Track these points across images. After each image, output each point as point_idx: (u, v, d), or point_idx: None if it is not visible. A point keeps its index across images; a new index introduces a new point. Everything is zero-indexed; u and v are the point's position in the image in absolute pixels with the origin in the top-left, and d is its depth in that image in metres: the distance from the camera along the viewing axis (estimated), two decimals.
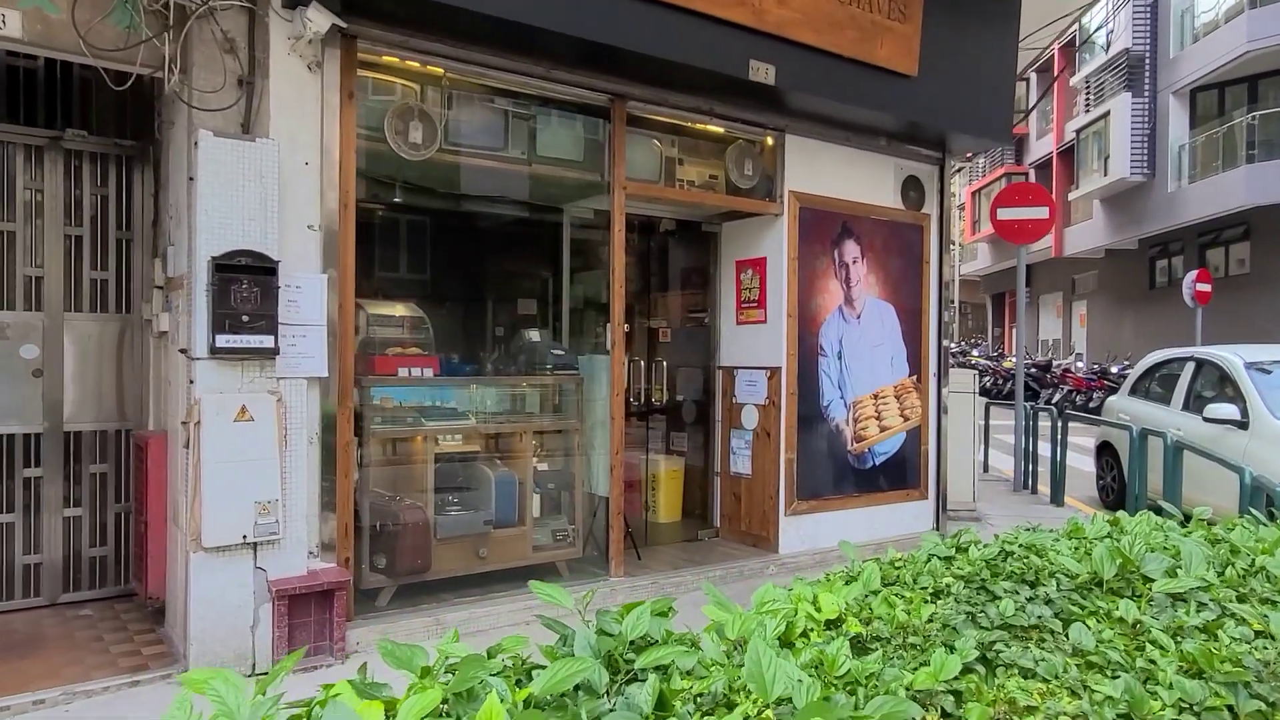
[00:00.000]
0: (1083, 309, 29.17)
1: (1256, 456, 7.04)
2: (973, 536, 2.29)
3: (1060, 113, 27.52)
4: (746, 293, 6.64)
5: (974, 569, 1.96)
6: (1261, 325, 18.58)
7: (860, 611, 1.72)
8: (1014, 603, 1.68)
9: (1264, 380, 7.57)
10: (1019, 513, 8.77)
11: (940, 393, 7.30)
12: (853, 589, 1.84)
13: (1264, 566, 1.88)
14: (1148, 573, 1.80)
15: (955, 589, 1.82)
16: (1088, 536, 2.10)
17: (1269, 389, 7.46)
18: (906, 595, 1.83)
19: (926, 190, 7.22)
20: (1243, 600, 1.75)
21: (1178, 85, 21.12)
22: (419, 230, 6.03)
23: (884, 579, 2.01)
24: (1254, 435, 7.18)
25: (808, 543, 6.49)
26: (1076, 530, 2.27)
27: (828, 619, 1.64)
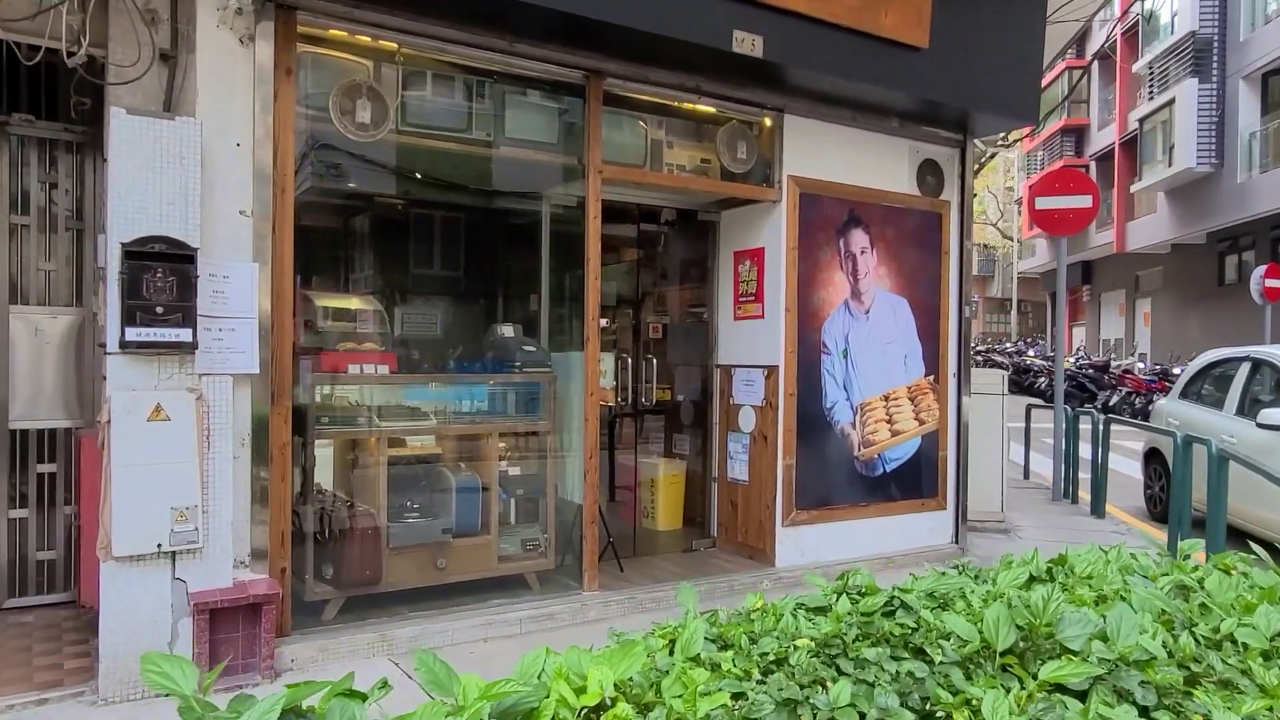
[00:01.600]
0: (1147, 307, 27.85)
1: None
2: (866, 579, 1.83)
3: (1123, 101, 26.28)
4: (744, 286, 6.19)
5: (837, 629, 1.51)
6: None
7: (642, 693, 1.30)
8: (853, 687, 1.24)
9: None
10: (1054, 524, 8.14)
11: (960, 394, 6.74)
12: (647, 655, 1.41)
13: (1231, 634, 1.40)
14: (1065, 639, 1.35)
15: (798, 658, 1.38)
16: (999, 588, 1.63)
17: None
18: (728, 666, 1.39)
19: (946, 175, 6.67)
20: (1193, 684, 1.29)
21: (1248, 69, 19.90)
22: (377, 218, 5.71)
23: (722, 638, 1.58)
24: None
25: (808, 556, 6.01)
26: (1006, 567, 1.81)
27: (587, 705, 1.21)
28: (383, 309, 5.14)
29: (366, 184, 5.18)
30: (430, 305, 5.67)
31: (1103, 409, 20.70)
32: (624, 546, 6.21)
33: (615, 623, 5.06)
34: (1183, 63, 21.23)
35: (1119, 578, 1.72)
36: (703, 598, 5.50)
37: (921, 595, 1.62)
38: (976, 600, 1.53)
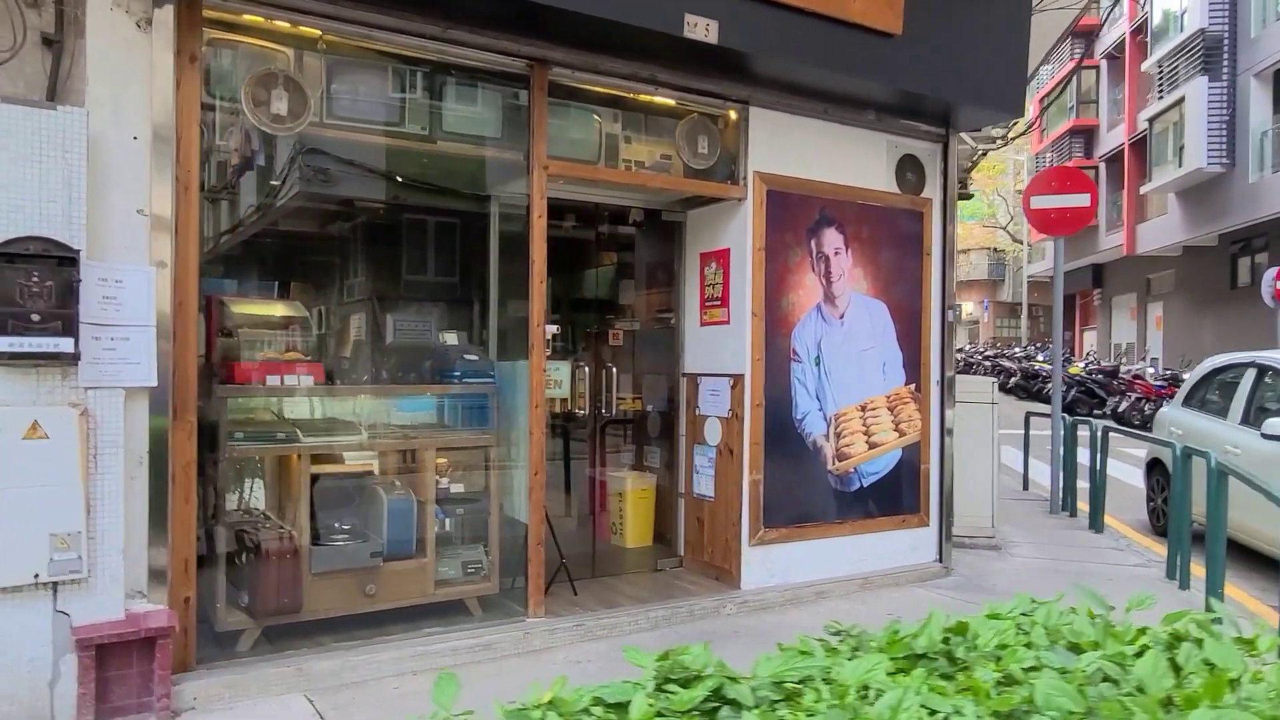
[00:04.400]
0: (1159, 310, 27.28)
1: None
2: (699, 659, 1.46)
3: (1132, 101, 25.77)
4: (710, 290, 5.83)
5: None
6: None
7: None
8: None
9: None
10: (1049, 540, 7.73)
11: (944, 403, 6.35)
12: None
13: None
14: None
15: None
16: (848, 679, 1.25)
17: None
18: None
19: (927, 171, 6.29)
20: None
21: (1260, 67, 19.39)
22: (307, 218, 5.38)
23: None
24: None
25: (778, 577, 5.64)
26: (890, 640, 1.44)
27: None
28: (310, 316, 4.81)
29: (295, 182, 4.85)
30: (366, 312, 5.34)
31: (1112, 415, 20.20)
32: (583, 566, 5.86)
33: (560, 652, 4.71)
34: (1192, 61, 20.74)
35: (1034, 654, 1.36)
36: (659, 624, 5.15)
37: (765, 683, 1.26)
38: (823, 703, 1.17)
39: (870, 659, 1.24)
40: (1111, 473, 11.55)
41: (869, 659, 1.24)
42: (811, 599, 5.64)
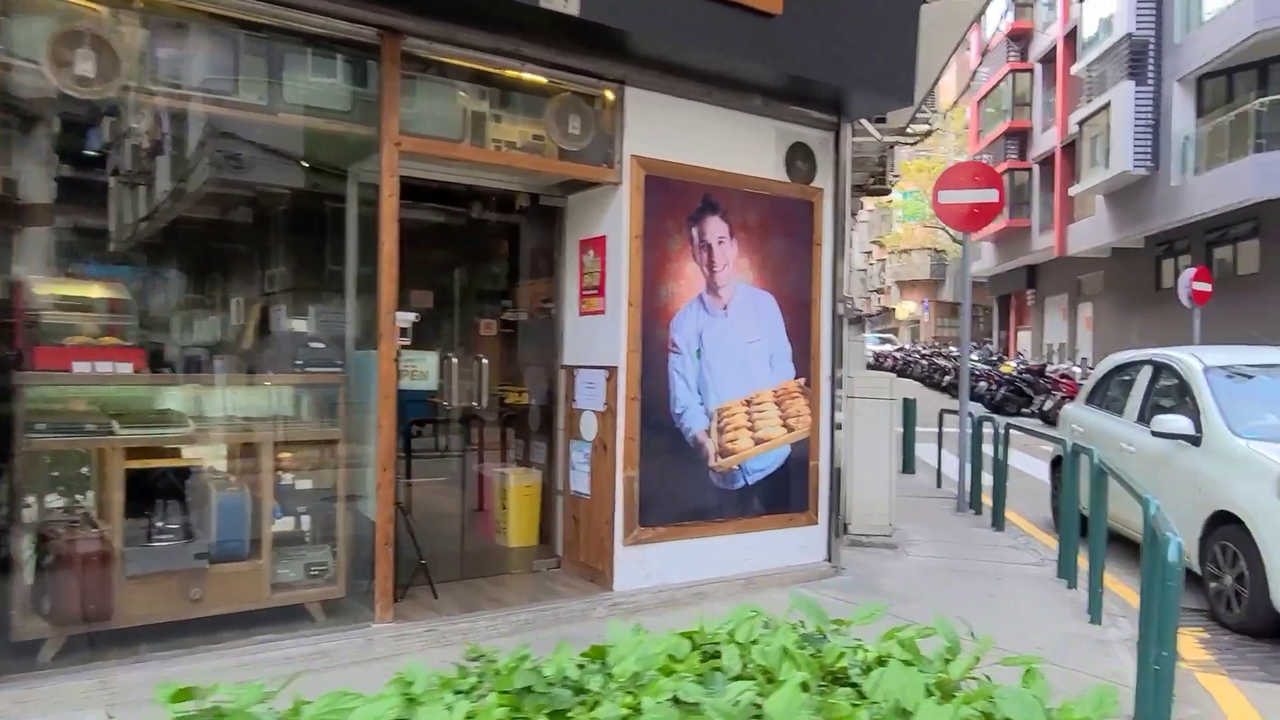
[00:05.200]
0: (1089, 311, 27.81)
1: (1209, 479, 5.89)
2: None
3: (1064, 104, 26.16)
4: (589, 278, 5.59)
5: None
6: (1272, 328, 17.21)
7: None
8: None
9: (1227, 388, 6.40)
10: (949, 538, 7.64)
11: (834, 398, 6.20)
12: None
13: None
14: None
15: None
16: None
17: (1231, 398, 6.28)
18: None
19: (819, 160, 6.12)
20: None
21: (1184, 72, 19.77)
22: (129, 192, 5.02)
23: None
24: (1207, 453, 6.02)
25: (655, 578, 5.42)
26: (513, 664, 1.20)
27: None
28: (133, 298, 4.46)
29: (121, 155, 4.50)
30: (201, 295, 5.00)
31: (1039, 413, 20.45)
32: (454, 568, 5.59)
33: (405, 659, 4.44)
34: (1119, 65, 21.07)
35: (677, 684, 1.14)
36: (521, 628, 4.89)
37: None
38: None
39: (382, 702, 1.00)
40: (1026, 469, 11.64)
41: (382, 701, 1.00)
42: (690, 601, 5.43)
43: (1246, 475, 5.58)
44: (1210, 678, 4.77)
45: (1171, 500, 6.28)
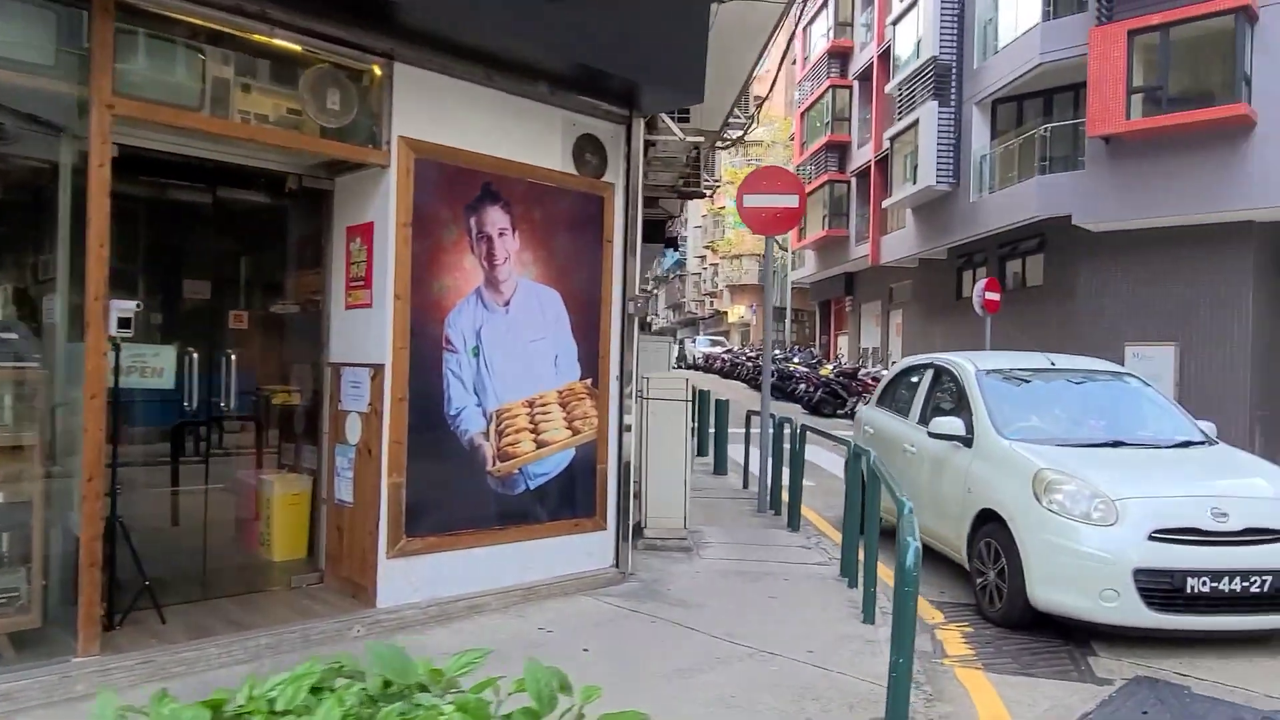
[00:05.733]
0: (899, 318, 29.39)
1: (977, 478, 6.12)
2: None
3: (878, 121, 27.56)
4: (355, 268, 5.15)
5: None
6: (1051, 338, 18.69)
7: None
8: None
9: (997, 391, 6.70)
10: (745, 539, 7.67)
11: (623, 400, 6.03)
12: None
13: None
14: None
15: None
16: None
17: (1000, 401, 6.58)
18: None
19: (609, 154, 5.94)
20: None
21: (980, 96, 21.18)
22: None
23: None
24: (977, 454, 6.26)
25: (424, 592, 5.05)
26: None
27: None
28: None
29: None
30: None
31: (850, 414, 21.38)
32: (192, 588, 5.02)
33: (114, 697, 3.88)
34: (926, 86, 22.35)
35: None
36: (261, 654, 4.39)
37: None
38: None
39: None
40: (832, 469, 12.00)
41: None
42: (463, 615, 5.10)
43: (1008, 475, 5.83)
44: (968, 672, 4.90)
45: (947, 500, 6.55)
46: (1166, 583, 5.08)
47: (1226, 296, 16.93)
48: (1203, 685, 4.77)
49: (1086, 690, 4.66)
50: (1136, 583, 5.07)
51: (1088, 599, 5.18)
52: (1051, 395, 6.88)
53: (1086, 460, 5.76)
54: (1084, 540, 5.24)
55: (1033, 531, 5.44)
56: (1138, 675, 4.89)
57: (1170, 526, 5.16)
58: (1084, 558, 5.21)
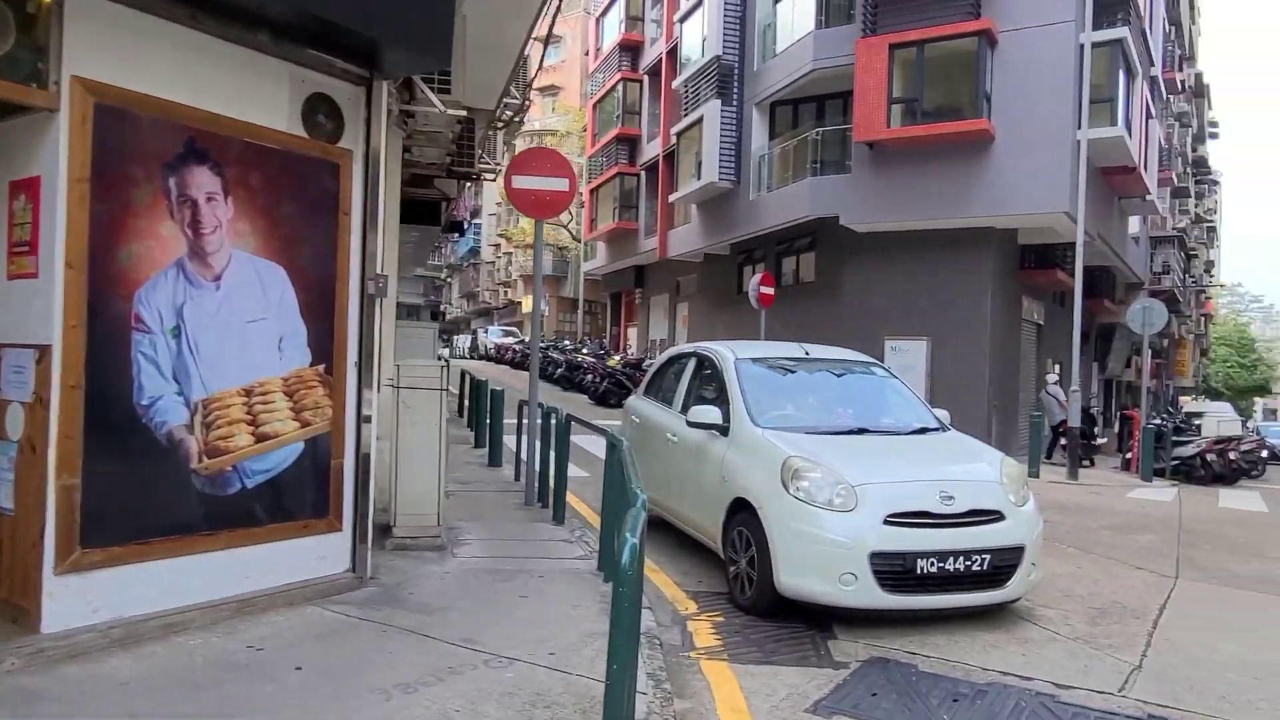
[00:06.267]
0: (685, 311, 30.11)
1: (732, 467, 6.11)
2: None
3: (666, 116, 28.04)
4: (19, 230, 4.32)
5: None
6: (822, 331, 19.71)
7: None
8: None
9: (754, 380, 6.75)
10: (507, 534, 7.33)
11: (363, 388, 5.51)
12: None
13: None
14: None
15: None
16: None
17: (757, 390, 6.63)
18: None
19: (347, 117, 5.39)
20: None
21: (760, 97, 21.97)
22: None
23: None
24: (732, 443, 6.26)
25: (107, 612, 4.32)
26: None
27: None
28: None
29: None
30: None
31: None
32: None
33: None
34: (710, 85, 22.92)
35: None
36: None
37: None
38: None
39: None
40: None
41: None
42: (156, 636, 4.42)
43: (760, 463, 5.85)
44: (713, 664, 4.82)
45: (704, 489, 6.52)
46: (899, 565, 5.25)
47: (970, 296, 18.51)
48: (929, 662, 4.95)
49: (824, 675, 4.70)
50: (872, 566, 5.21)
51: (829, 584, 5.26)
52: (805, 384, 7.04)
53: (832, 448, 5.88)
54: (827, 526, 5.32)
55: (780, 519, 5.47)
56: (871, 656, 5.01)
57: (903, 510, 5.34)
58: (826, 544, 5.29)
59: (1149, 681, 4.82)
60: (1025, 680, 4.73)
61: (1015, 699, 4.46)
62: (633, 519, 3.14)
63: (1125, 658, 5.19)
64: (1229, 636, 5.79)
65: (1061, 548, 8.46)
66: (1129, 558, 8.23)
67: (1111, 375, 32.28)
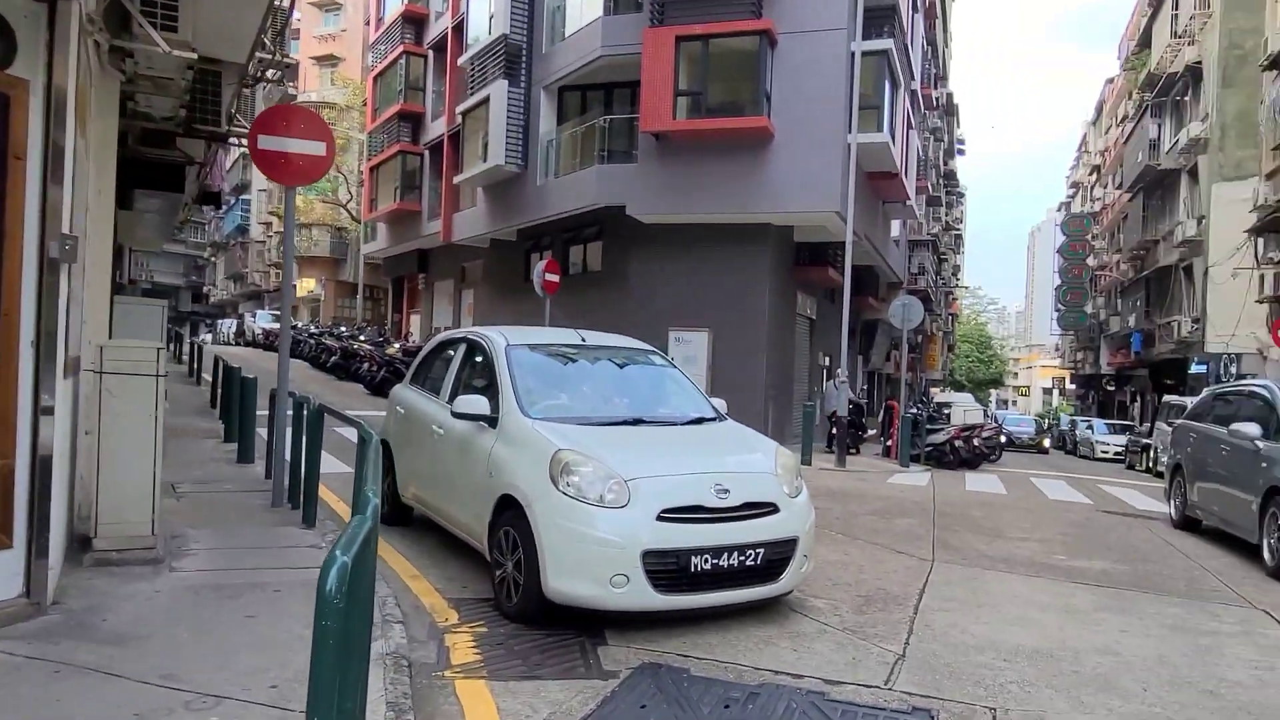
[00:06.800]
0: (471, 298, 29.18)
1: (499, 462, 5.60)
2: None
3: (452, 94, 26.94)
4: None
5: None
6: (609, 320, 19.56)
7: None
8: None
9: (526, 367, 6.27)
10: (243, 541, 6.44)
11: (41, 374, 4.50)
12: None
13: None
14: None
15: None
16: None
17: (528, 378, 6.15)
18: None
19: (21, 39, 4.36)
20: None
21: (548, 80, 21.51)
22: None
23: None
24: (501, 435, 5.76)
25: None
26: None
27: None
28: None
29: None
30: None
31: None
32: None
33: None
34: (497, 64, 22.17)
35: None
36: None
37: None
38: None
39: None
40: None
41: None
42: None
43: (529, 457, 5.38)
44: (469, 684, 4.30)
45: (471, 486, 5.97)
46: (673, 563, 4.97)
47: (749, 290, 19.02)
48: (702, 665, 4.70)
49: (591, 688, 4.31)
50: (645, 565, 4.89)
51: (600, 587, 4.89)
52: (581, 373, 6.65)
53: (606, 440, 5.53)
54: (598, 525, 4.95)
55: (549, 517, 5.03)
56: (643, 662, 4.69)
57: (677, 505, 5.07)
58: (597, 543, 4.91)
59: (913, 670, 4.82)
60: (796, 679, 4.58)
61: (787, 700, 4.28)
62: (352, 531, 2.57)
63: (890, 647, 5.20)
64: (980, 617, 6.01)
65: (831, 534, 8.64)
66: (891, 542, 8.53)
67: (874, 368, 34.73)
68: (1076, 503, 13.44)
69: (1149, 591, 7.15)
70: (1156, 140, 33.52)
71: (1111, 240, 46.85)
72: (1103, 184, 51.73)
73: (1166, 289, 33.56)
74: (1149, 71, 35.44)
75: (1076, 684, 4.79)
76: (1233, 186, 26.12)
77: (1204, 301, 27.62)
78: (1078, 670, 5.01)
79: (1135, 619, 6.24)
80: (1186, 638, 5.85)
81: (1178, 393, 28.50)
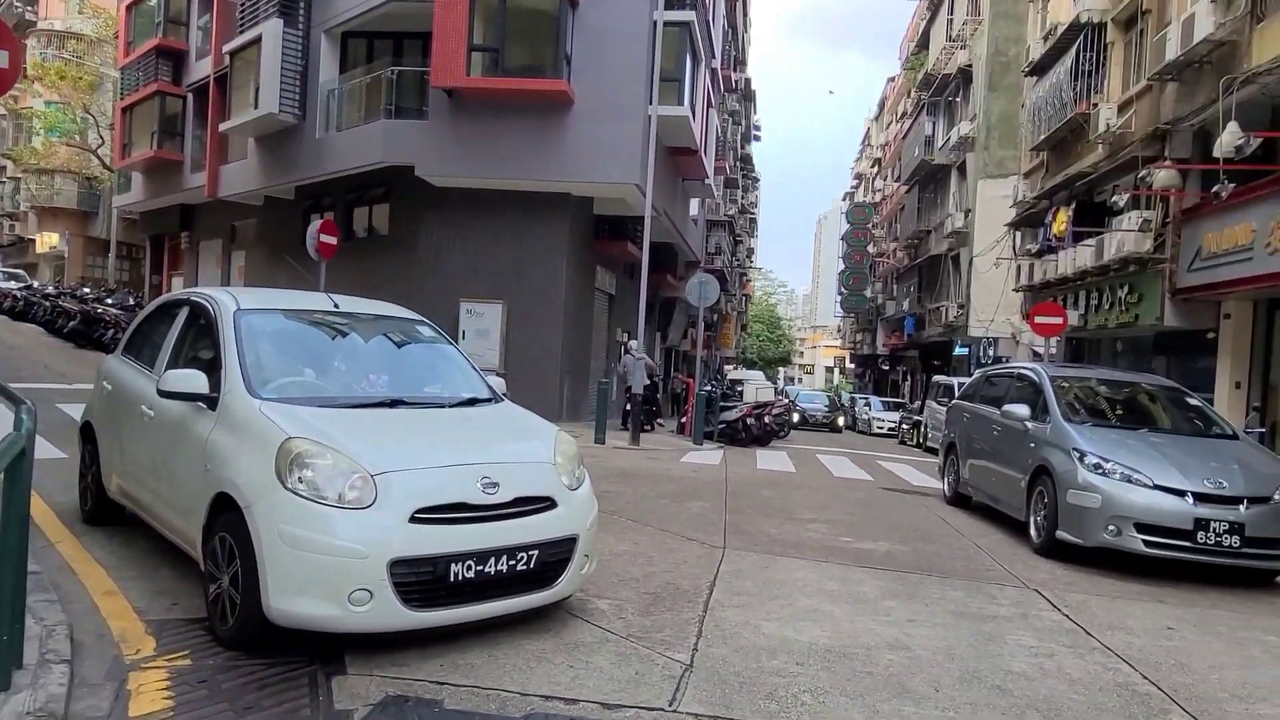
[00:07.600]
0: (242, 260, 26.55)
1: (217, 452, 4.54)
2: None
3: (219, 32, 24.16)
4: None
5: None
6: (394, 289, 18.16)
7: None
8: None
9: (263, 337, 5.21)
10: None
11: None
12: None
13: None
14: None
15: None
16: None
17: (263, 350, 5.10)
18: None
19: None
20: None
21: (331, 24, 19.65)
22: None
23: None
24: (221, 419, 4.68)
25: None
26: None
27: None
28: None
29: None
30: None
31: None
32: None
33: None
34: (270, 0, 19.97)
35: None
36: None
37: None
38: None
39: None
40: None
41: None
42: None
43: (252, 446, 4.37)
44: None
45: (183, 481, 4.86)
46: (428, 573, 4.16)
47: (547, 261, 18.26)
48: (459, 694, 3.94)
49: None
50: (393, 577, 4.05)
51: (335, 605, 4.00)
52: (330, 345, 5.64)
53: (353, 426, 4.62)
54: (336, 529, 4.05)
55: (272, 521, 4.07)
56: (386, 695, 3.86)
57: (436, 504, 4.25)
58: (333, 552, 4.01)
59: (701, 685, 4.29)
60: (570, 704, 3.93)
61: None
62: None
63: (678, 656, 4.66)
64: (772, 612, 5.63)
65: (621, 520, 8.11)
66: (683, 528, 8.11)
67: (671, 345, 35.04)
68: (860, 480, 13.78)
69: (932, 574, 7.11)
70: (931, 137, 35.81)
71: (890, 229, 49.99)
72: (883, 176, 55.10)
73: (937, 276, 36.06)
74: (926, 72, 37.81)
75: (870, 688, 4.45)
76: (995, 183, 28.20)
77: (969, 289, 29.77)
78: (871, 672, 4.68)
79: (921, 605, 6.09)
80: (970, 624, 5.74)
81: (944, 373, 30.70)
